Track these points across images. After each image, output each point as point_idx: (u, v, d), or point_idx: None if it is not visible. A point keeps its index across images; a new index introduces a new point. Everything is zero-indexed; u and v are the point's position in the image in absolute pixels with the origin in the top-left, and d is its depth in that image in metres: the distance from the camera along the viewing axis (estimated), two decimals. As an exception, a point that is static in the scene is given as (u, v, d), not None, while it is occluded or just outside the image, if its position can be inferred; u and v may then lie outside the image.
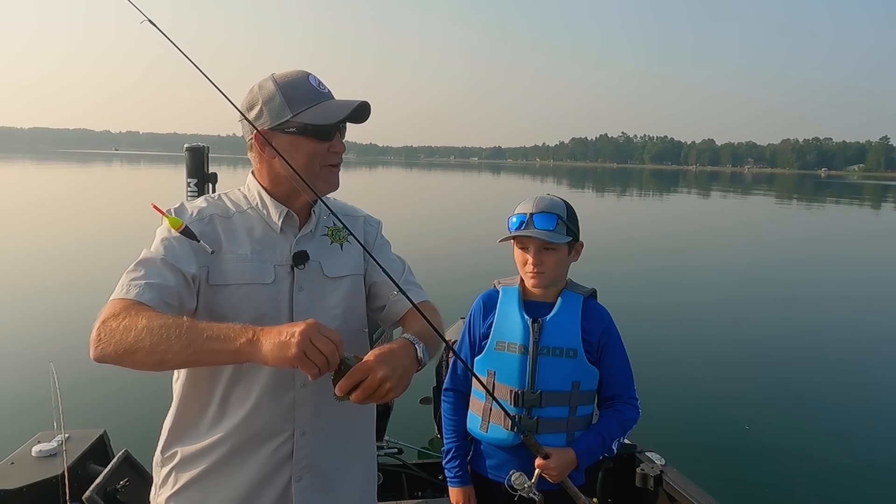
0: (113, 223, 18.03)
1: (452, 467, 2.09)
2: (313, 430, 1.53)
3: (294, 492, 1.51)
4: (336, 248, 1.61)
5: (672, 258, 15.01)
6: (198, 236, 1.45)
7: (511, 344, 1.98)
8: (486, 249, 12.77)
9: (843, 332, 8.99)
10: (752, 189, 65.39)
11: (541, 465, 1.84)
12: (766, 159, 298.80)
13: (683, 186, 67.56)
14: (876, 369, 7.24)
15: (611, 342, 2.02)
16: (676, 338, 8.21)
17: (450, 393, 2.15)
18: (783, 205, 40.56)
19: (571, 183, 65.15)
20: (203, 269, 1.46)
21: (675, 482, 2.93)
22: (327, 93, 1.51)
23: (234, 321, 1.38)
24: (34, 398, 4.51)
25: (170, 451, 1.54)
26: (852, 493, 4.53)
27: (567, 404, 1.96)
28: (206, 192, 2.93)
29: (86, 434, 3.10)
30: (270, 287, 1.49)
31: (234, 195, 1.60)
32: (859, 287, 12.51)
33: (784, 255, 16.18)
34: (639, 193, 48.85)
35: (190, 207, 1.54)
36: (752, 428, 5.53)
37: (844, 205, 42.01)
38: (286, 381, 1.49)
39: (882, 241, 22.10)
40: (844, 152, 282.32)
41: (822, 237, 21.30)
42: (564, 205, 2.01)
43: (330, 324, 1.46)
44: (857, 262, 15.81)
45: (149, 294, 1.33)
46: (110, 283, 1.40)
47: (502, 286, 2.10)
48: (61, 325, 7.66)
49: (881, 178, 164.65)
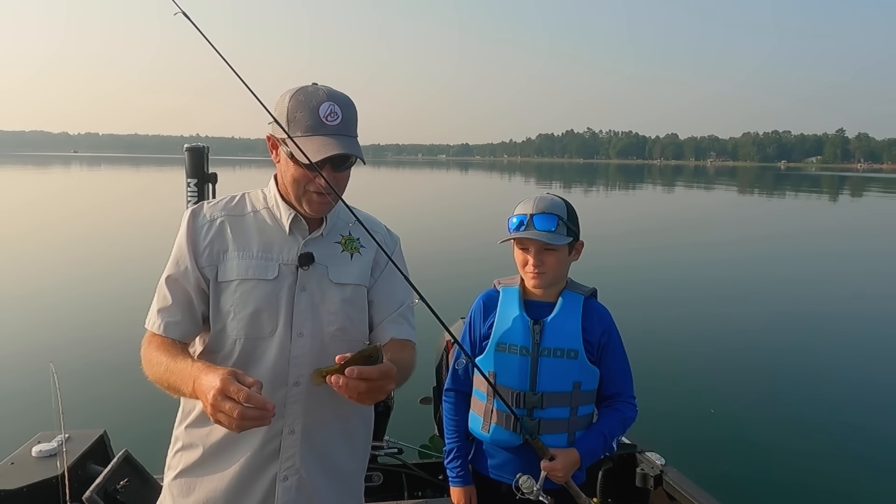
0: (113, 223, 17.99)
1: (454, 467, 2.10)
2: (302, 430, 1.54)
3: (278, 492, 1.53)
4: (346, 257, 1.63)
5: (666, 254, 14.87)
6: (205, 242, 1.55)
7: (512, 346, 1.97)
8: (470, 248, 12.88)
9: (843, 330, 8.94)
10: (716, 182, 66.53)
11: (547, 468, 1.85)
12: (728, 152, 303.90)
13: (650, 181, 68.38)
14: (876, 369, 7.22)
15: (611, 342, 2.02)
16: (676, 337, 8.18)
17: (451, 393, 2.15)
18: (754, 197, 41.16)
19: (540, 179, 65.51)
20: (212, 267, 1.54)
21: (675, 482, 2.92)
22: (333, 125, 1.48)
23: (236, 316, 1.50)
24: (34, 398, 4.46)
25: (175, 433, 1.63)
26: (852, 492, 4.56)
27: (568, 405, 1.96)
28: (206, 193, 2.94)
29: (86, 434, 3.07)
30: (272, 283, 1.53)
31: (255, 195, 1.66)
32: (854, 282, 12.41)
33: (773, 250, 16.12)
34: (606, 188, 49.29)
35: (205, 210, 1.61)
36: (718, 412, 5.60)
37: (813, 197, 42.87)
38: (280, 377, 1.52)
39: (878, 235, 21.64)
40: (803, 145, 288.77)
41: (803, 232, 21.03)
42: (564, 205, 2.01)
43: (327, 328, 1.55)
44: (852, 258, 15.61)
45: (163, 327, 1.52)
46: (110, 283, 1.48)
47: (502, 286, 2.09)
48: (61, 325, 7.64)
49: (838, 170, 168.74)
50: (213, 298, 1.54)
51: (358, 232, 1.66)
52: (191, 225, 1.58)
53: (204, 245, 1.55)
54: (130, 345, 6.07)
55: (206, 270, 1.54)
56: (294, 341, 1.53)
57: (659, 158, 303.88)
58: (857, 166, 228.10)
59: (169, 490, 1.60)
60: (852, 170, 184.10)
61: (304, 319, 1.54)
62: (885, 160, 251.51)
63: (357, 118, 1.56)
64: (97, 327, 7.86)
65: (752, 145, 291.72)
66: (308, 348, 1.54)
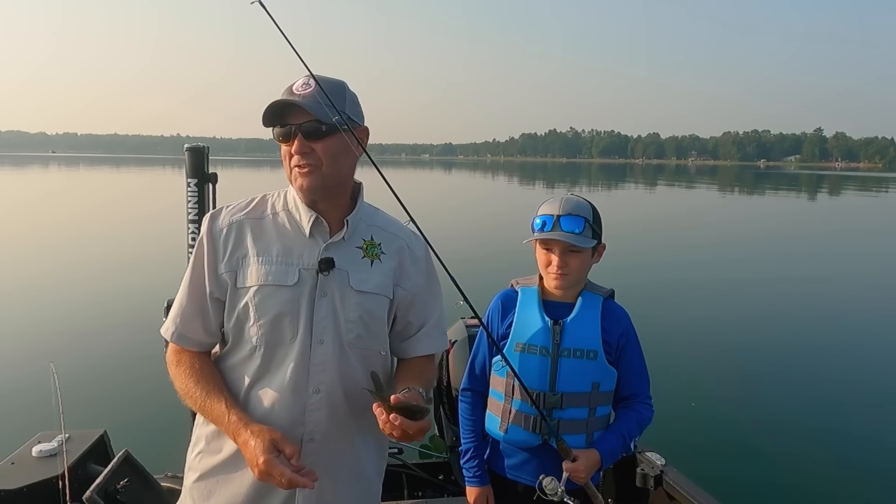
0: (111, 223, 17.85)
1: (471, 467, 2.08)
2: (322, 437, 1.53)
3: (298, 498, 1.52)
4: (366, 263, 1.57)
5: (665, 255, 14.86)
6: (225, 248, 1.54)
7: (531, 346, 1.96)
8: (470, 248, 12.87)
9: (844, 331, 8.90)
10: (700, 181, 67.01)
11: (570, 469, 1.84)
12: (709, 151, 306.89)
13: (632, 180, 68.78)
14: (876, 369, 7.23)
15: (630, 343, 2.02)
16: (676, 337, 8.16)
17: (468, 393, 2.14)
18: (742, 197, 41.54)
19: (523, 178, 65.68)
20: (232, 273, 1.52)
21: (675, 482, 2.90)
22: (301, 93, 1.47)
23: (256, 322, 1.49)
24: (34, 398, 4.41)
25: (196, 433, 1.62)
26: (852, 492, 4.58)
27: (587, 405, 1.96)
28: (206, 193, 2.91)
29: (86, 434, 3.05)
30: (292, 289, 1.50)
31: (274, 197, 1.62)
32: (856, 284, 12.35)
33: (772, 251, 16.11)
34: (589, 187, 49.56)
35: (223, 216, 1.58)
36: (717, 412, 5.61)
37: (792, 195, 43.33)
38: (300, 386, 1.51)
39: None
40: (782, 143, 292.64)
41: (798, 234, 20.70)
42: (590, 207, 1.99)
43: (345, 336, 1.53)
44: (851, 259, 15.56)
45: (183, 339, 1.56)
46: (109, 283, 1.49)
47: (521, 286, 2.08)
48: (61, 325, 7.60)
49: (816, 169, 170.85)
50: (231, 304, 1.52)
51: (380, 236, 1.62)
52: (210, 232, 1.55)
53: (224, 251, 1.53)
54: (130, 345, 6.11)
55: (225, 276, 1.52)
56: (314, 348, 1.51)
57: (641, 158, 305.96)
58: (835, 165, 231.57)
59: (190, 493, 1.60)
60: (831, 168, 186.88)
61: (324, 326, 1.51)
62: (861, 159, 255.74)
63: (345, 99, 1.53)
64: (97, 327, 7.84)
65: (733, 144, 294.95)
66: (328, 356, 1.52)
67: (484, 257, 11.50)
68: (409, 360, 1.67)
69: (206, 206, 2.94)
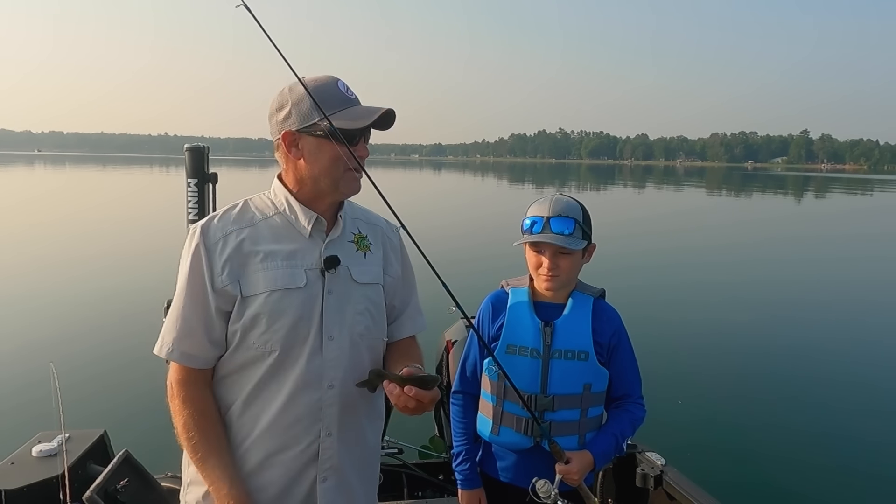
0: (110, 223, 17.84)
1: (463, 470, 2.06)
2: (338, 431, 1.56)
3: (319, 493, 1.54)
4: (360, 255, 1.62)
5: (663, 255, 14.92)
6: (222, 260, 1.50)
7: (523, 348, 1.95)
8: (467, 248, 12.95)
9: (844, 333, 8.92)
10: (689, 183, 67.37)
11: (563, 471, 1.84)
12: (697, 153, 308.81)
13: (621, 181, 69.06)
14: (877, 370, 7.26)
15: (621, 343, 2.00)
16: (676, 338, 8.18)
17: (459, 395, 2.12)
18: (730, 199, 41.69)
19: (512, 178, 65.80)
20: (234, 284, 1.49)
21: (675, 482, 2.91)
22: (354, 98, 1.53)
23: (269, 328, 1.48)
24: (34, 398, 4.44)
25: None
26: (851, 492, 4.60)
27: (579, 407, 1.94)
28: (206, 193, 2.92)
29: (86, 434, 3.06)
30: (303, 291, 1.51)
31: (258, 201, 1.60)
32: (858, 285, 12.39)
33: (770, 253, 16.13)
34: (578, 188, 49.72)
35: (214, 227, 1.53)
36: (717, 412, 5.63)
37: (780, 197, 43.64)
38: (314, 381, 1.52)
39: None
40: (769, 145, 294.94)
41: (794, 237, 20.70)
42: (580, 207, 1.98)
43: (355, 329, 1.56)
44: (850, 259, 15.57)
45: (186, 358, 1.51)
46: (109, 283, 1.49)
47: (511, 288, 2.06)
48: (61, 325, 7.59)
49: (803, 170, 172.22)
50: (238, 314, 1.49)
51: (365, 229, 1.66)
52: (203, 245, 1.50)
53: (221, 263, 1.49)
54: (131, 344, 6.07)
55: (227, 289, 1.48)
56: (325, 345, 1.53)
57: (630, 159, 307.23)
58: (821, 167, 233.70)
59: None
60: (817, 170, 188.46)
61: (333, 323, 1.54)
62: (847, 161, 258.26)
63: None
64: (97, 327, 7.82)
65: (720, 146, 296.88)
66: (340, 350, 1.54)
67: (473, 259, 11.51)
68: (395, 342, 1.71)
69: (206, 206, 2.95)
